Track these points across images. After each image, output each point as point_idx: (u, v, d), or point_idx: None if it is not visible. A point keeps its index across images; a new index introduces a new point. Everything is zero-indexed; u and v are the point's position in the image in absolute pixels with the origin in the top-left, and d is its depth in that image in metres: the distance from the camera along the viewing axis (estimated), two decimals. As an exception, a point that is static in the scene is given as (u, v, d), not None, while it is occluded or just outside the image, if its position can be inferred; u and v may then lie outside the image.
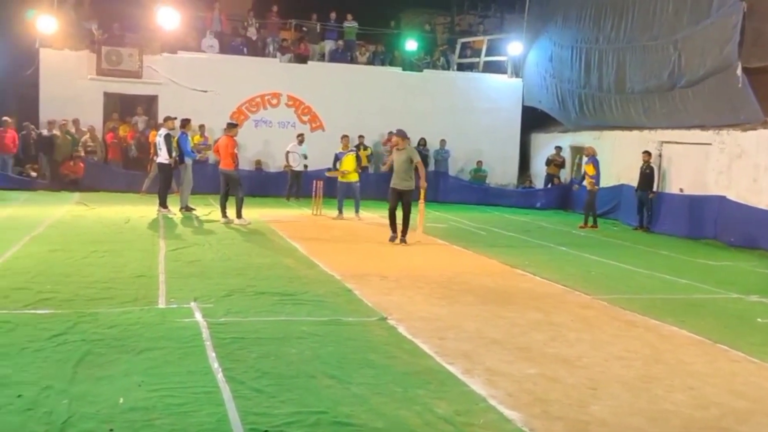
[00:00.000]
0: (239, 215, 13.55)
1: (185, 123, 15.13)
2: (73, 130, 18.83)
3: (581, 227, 16.02)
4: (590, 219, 16.13)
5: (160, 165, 14.68)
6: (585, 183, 16.65)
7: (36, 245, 10.00)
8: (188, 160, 15.09)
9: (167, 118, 15.26)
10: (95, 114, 19.67)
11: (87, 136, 18.83)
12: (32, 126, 18.73)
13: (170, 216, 14.12)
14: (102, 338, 5.77)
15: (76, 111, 19.07)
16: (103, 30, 20.22)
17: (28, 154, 18.62)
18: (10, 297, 6.96)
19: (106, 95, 19.97)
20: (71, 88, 19.26)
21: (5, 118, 17.86)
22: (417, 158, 12.06)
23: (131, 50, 19.94)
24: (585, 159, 16.42)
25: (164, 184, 14.65)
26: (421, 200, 12.79)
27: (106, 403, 4.44)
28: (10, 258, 8.95)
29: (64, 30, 19.52)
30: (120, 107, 20.42)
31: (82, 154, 18.32)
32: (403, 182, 11.96)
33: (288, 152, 19.33)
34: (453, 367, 5.50)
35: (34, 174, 18.17)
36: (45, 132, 18.62)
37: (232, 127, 14.37)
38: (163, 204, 14.38)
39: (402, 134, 12.23)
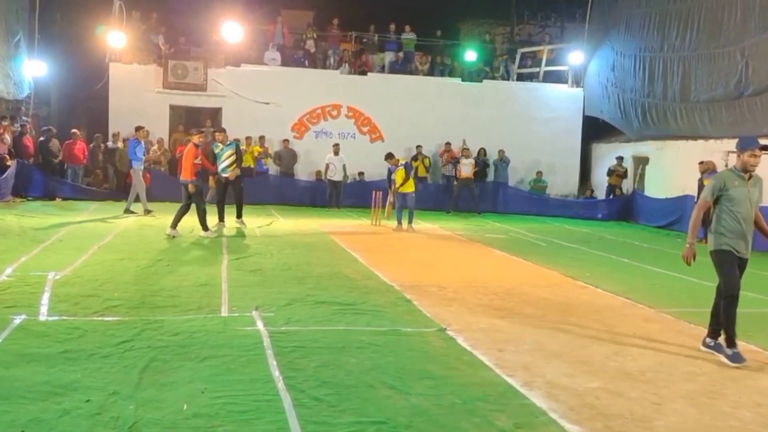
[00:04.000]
0: (204, 227, 12.68)
1: (138, 129, 15.85)
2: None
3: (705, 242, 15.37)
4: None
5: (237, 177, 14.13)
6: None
7: (104, 254, 10.31)
8: (137, 166, 15.67)
9: (217, 131, 15.19)
10: (162, 126, 20.22)
11: (155, 147, 19.34)
12: (101, 137, 19.35)
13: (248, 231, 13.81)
14: (167, 345, 5.91)
15: (144, 123, 19.56)
16: (169, 44, 20.80)
17: (97, 165, 19.25)
18: (80, 304, 7.19)
19: (172, 108, 20.52)
20: (139, 101, 19.86)
21: (74, 130, 18.50)
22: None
23: (196, 64, 20.46)
24: (704, 174, 15.43)
25: (219, 197, 14.17)
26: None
27: (170, 409, 4.55)
28: (80, 266, 9.25)
29: (133, 44, 20.18)
30: (185, 119, 20.93)
31: (149, 165, 18.80)
32: None
33: (327, 163, 19.60)
34: (513, 379, 5.45)
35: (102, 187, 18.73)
36: (110, 144, 19.22)
37: (197, 133, 13.05)
38: (220, 218, 13.92)
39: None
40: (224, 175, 13.65)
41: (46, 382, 4.88)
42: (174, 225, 12.43)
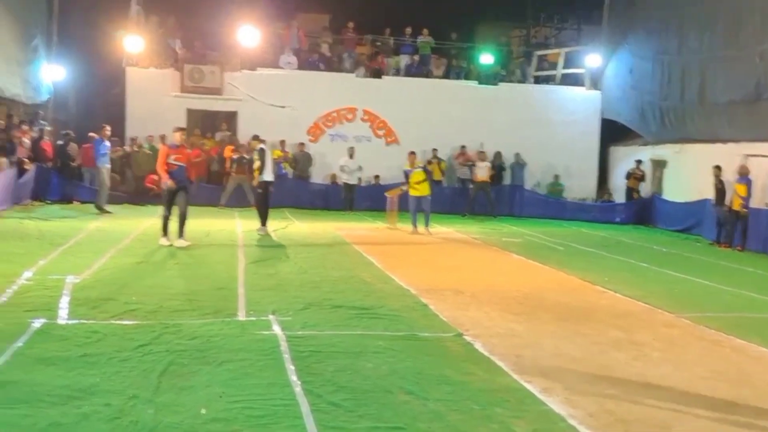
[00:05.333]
0: (164, 232, 11.80)
1: (101, 128, 16.35)
2: (158, 146, 19.43)
3: (723, 246, 15.46)
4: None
5: (262, 182, 13.98)
6: (734, 205, 15.36)
7: (122, 257, 10.37)
8: (102, 164, 16.25)
9: (255, 138, 15.17)
10: (179, 130, 20.26)
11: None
12: (118, 141, 19.46)
13: (267, 234, 13.71)
14: (185, 349, 5.93)
15: (161, 127, 19.67)
16: (186, 48, 20.91)
17: (114, 169, 19.34)
18: (99, 307, 7.23)
19: (189, 111, 20.58)
20: (156, 105, 19.95)
21: (92, 134, 18.62)
22: None
23: (213, 68, 20.55)
24: (737, 177, 15.24)
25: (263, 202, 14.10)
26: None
27: (189, 413, 4.56)
28: (98, 269, 9.30)
29: (150, 49, 20.28)
30: (201, 123, 21.01)
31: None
32: None
33: (341, 166, 19.62)
34: (531, 385, 5.41)
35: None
36: (127, 148, 19.34)
37: (178, 130, 12.24)
38: (263, 223, 13.90)
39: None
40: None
41: (66, 386, 4.91)
42: (164, 232, 11.77)
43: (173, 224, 11.78)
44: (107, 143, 16.50)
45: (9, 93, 17.33)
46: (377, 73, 22.21)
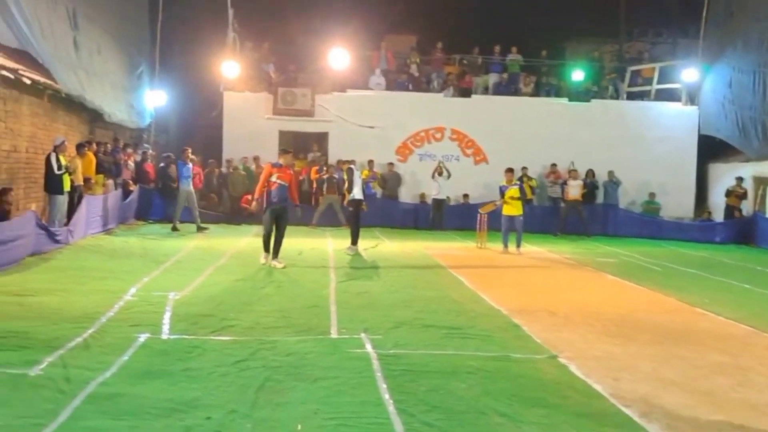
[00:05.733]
0: (266, 249, 11.89)
1: (183, 151, 16.93)
2: (253, 167, 20.09)
3: None
4: None
5: (352, 201, 14.16)
6: None
7: (220, 275, 10.71)
8: (184, 186, 16.87)
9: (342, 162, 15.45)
10: (272, 151, 20.80)
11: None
12: (214, 163, 20.18)
13: (357, 254, 13.80)
14: (280, 365, 6.06)
15: (255, 149, 20.32)
16: (279, 72, 21.53)
17: (212, 189, 20.07)
18: (199, 323, 7.49)
19: (281, 133, 21.15)
20: (251, 128, 20.64)
21: (192, 156, 19.35)
22: None
23: (304, 90, 21.08)
24: None
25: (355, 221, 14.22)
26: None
27: (285, 429, 4.66)
28: (198, 286, 9.64)
29: (245, 73, 21.00)
30: (294, 144, 21.51)
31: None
32: None
33: (436, 171, 19.64)
34: (629, 409, 5.27)
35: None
36: (223, 169, 20.05)
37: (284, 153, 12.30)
38: (354, 242, 14.03)
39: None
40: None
41: (170, 399, 5.10)
42: (268, 251, 11.79)
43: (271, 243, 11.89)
44: (189, 165, 17.14)
45: (116, 118, 18.27)
46: (465, 93, 22.23)
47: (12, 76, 12.80)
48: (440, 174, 19.70)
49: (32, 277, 9.80)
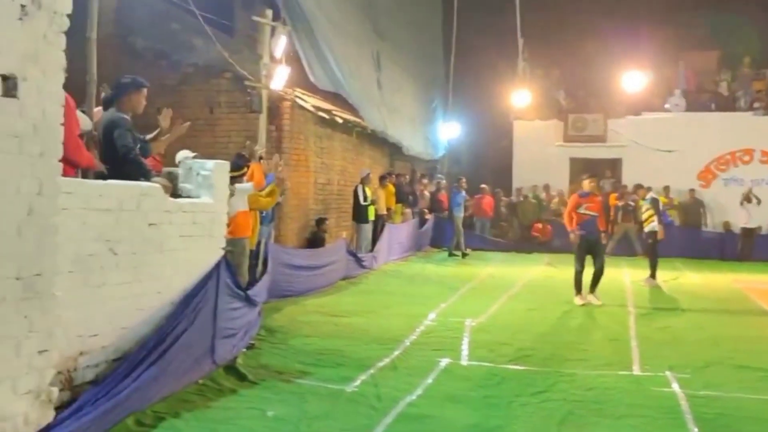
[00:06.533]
0: (577, 290, 10.92)
1: (458, 180, 17.45)
2: (542, 195, 20.08)
3: None
4: None
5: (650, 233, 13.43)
6: None
7: (514, 303, 10.83)
8: (457, 213, 17.18)
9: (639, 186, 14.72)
10: (562, 179, 20.70)
11: (556, 200, 19.83)
12: (501, 192, 20.51)
13: (656, 286, 13.14)
14: (581, 400, 5.94)
15: (545, 177, 20.31)
16: (569, 98, 21.34)
17: (501, 218, 20.40)
18: (496, 351, 7.62)
19: (572, 160, 20.87)
20: (540, 156, 20.68)
21: (483, 185, 19.88)
22: None
23: (595, 116, 20.67)
24: None
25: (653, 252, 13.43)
26: None
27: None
28: (493, 314, 9.84)
29: (535, 101, 21.11)
30: (584, 171, 21.05)
31: (551, 217, 19.33)
32: None
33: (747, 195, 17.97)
34: None
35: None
36: (513, 198, 20.30)
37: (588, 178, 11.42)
38: (652, 274, 13.29)
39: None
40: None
41: (475, 425, 5.26)
42: (580, 290, 10.92)
43: (586, 278, 10.97)
44: (463, 193, 17.55)
45: (413, 151, 19.43)
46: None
47: (327, 117, 14.27)
48: (749, 201, 18.04)
49: (344, 300, 10.75)
